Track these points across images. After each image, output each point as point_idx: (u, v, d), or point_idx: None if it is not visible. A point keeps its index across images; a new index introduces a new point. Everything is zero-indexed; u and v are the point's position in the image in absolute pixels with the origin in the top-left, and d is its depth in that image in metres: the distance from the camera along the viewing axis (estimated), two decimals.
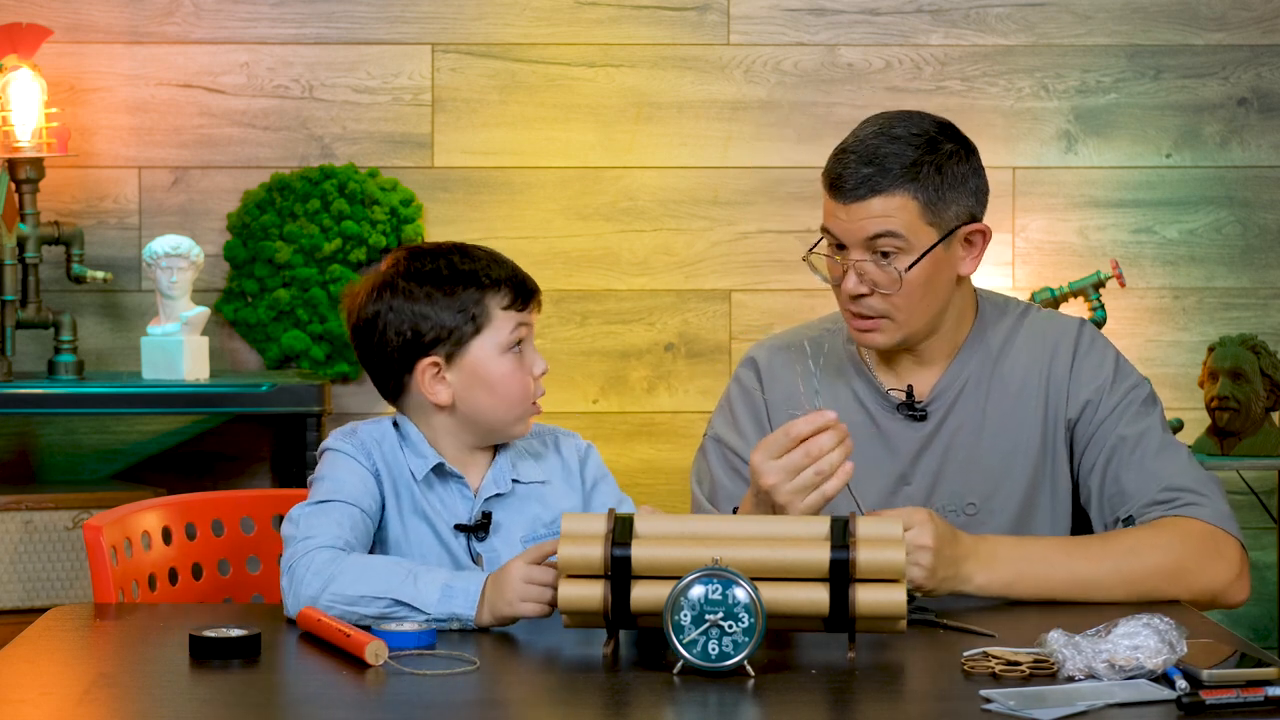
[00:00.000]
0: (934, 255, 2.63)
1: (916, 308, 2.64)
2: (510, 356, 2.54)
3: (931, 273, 2.63)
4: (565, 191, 4.39)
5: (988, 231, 2.68)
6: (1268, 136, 4.45)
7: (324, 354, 4.29)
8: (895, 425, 2.71)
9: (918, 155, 2.62)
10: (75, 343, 4.14)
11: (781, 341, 2.82)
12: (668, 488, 4.38)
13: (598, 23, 4.38)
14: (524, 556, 2.37)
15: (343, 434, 2.57)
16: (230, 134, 4.35)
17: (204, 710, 2.05)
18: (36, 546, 3.95)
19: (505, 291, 2.54)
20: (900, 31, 4.41)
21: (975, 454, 2.69)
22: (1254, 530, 4.48)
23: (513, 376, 2.54)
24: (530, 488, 2.59)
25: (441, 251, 2.58)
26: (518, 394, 2.55)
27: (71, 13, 4.32)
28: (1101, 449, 2.68)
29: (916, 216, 2.61)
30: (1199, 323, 4.45)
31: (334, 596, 2.36)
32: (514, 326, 2.54)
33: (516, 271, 2.58)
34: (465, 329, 2.53)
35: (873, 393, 2.73)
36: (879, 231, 2.61)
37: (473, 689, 2.10)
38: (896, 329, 2.65)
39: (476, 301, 2.53)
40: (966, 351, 2.73)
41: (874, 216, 2.61)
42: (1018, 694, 2.02)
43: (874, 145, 2.63)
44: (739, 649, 2.12)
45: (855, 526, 2.19)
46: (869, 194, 2.61)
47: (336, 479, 2.52)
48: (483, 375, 2.54)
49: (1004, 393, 2.71)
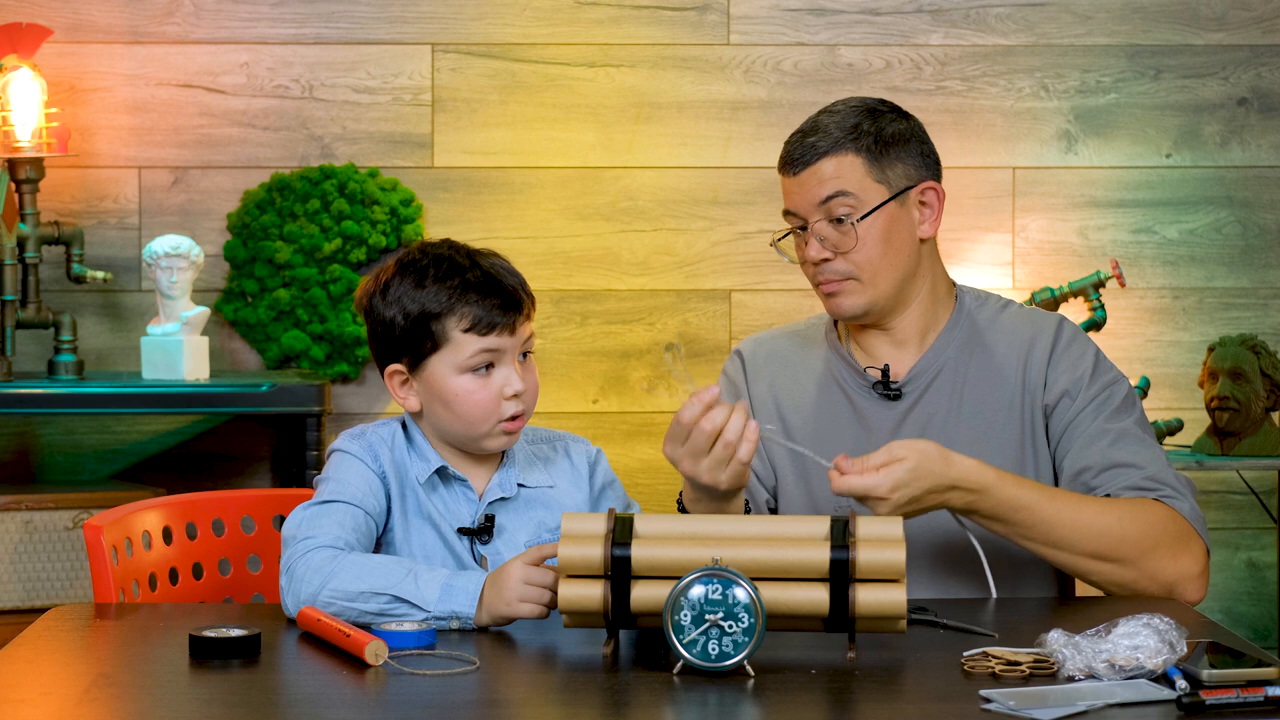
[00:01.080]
0: (888, 211, 2.72)
1: (879, 266, 2.72)
2: (470, 377, 2.51)
3: (888, 229, 2.72)
4: (565, 191, 4.39)
5: (940, 191, 2.77)
6: (1268, 136, 4.45)
7: (324, 354, 4.29)
8: (870, 404, 2.76)
9: (856, 119, 2.75)
10: (75, 343, 4.14)
11: (769, 336, 2.89)
12: (668, 488, 4.38)
13: (598, 23, 4.38)
14: (523, 557, 2.37)
15: (352, 435, 2.57)
16: (230, 134, 4.35)
17: (204, 710, 2.05)
18: (36, 546, 3.95)
19: (468, 315, 2.50)
20: (900, 31, 4.41)
21: (952, 436, 2.71)
22: (1254, 530, 4.48)
23: (470, 396, 2.51)
24: (536, 492, 2.59)
25: (428, 259, 2.54)
26: (478, 414, 2.52)
27: (71, 13, 4.32)
28: (1078, 436, 2.71)
29: (863, 174, 2.72)
30: (1199, 323, 4.45)
31: (334, 593, 2.36)
32: (475, 351, 2.50)
33: (496, 289, 2.52)
34: (424, 344, 2.52)
35: (848, 371, 2.79)
36: (830, 193, 2.71)
37: (473, 689, 2.10)
38: (862, 291, 2.72)
39: (436, 318, 2.51)
40: (945, 336, 2.78)
41: (823, 180, 2.72)
42: (1018, 694, 2.02)
43: (814, 120, 2.78)
44: (739, 649, 2.12)
45: (855, 526, 2.19)
46: (815, 158, 2.72)
47: (342, 480, 2.52)
48: (439, 392, 2.53)
49: (982, 378, 2.75)
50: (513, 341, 2.52)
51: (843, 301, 2.74)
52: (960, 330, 2.79)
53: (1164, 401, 4.42)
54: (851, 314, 2.75)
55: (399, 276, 2.54)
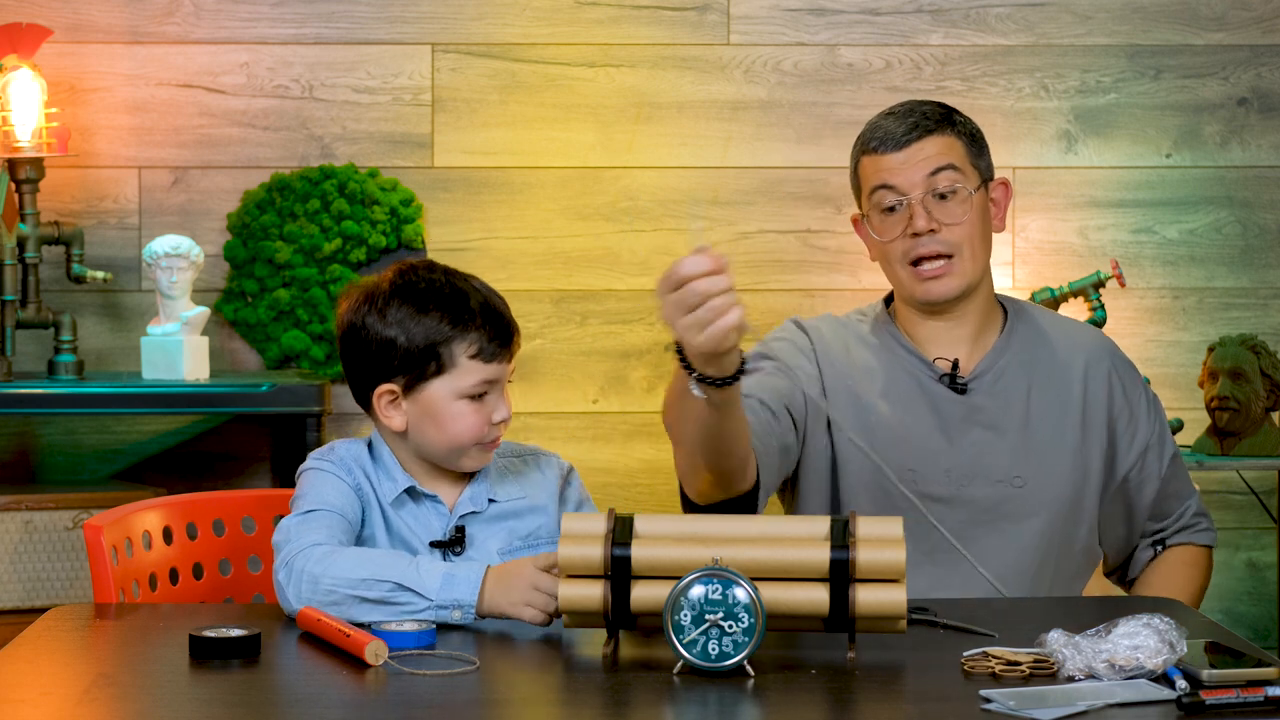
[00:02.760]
0: (983, 194, 2.82)
1: (976, 245, 2.80)
2: (465, 402, 2.53)
3: (984, 211, 2.82)
4: (565, 191, 4.39)
5: (1011, 189, 2.90)
6: (1268, 136, 4.45)
7: (324, 354, 4.29)
8: (940, 396, 2.82)
9: (946, 110, 2.85)
10: (75, 343, 4.14)
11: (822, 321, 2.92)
12: (668, 488, 4.37)
13: (598, 23, 4.38)
14: (535, 561, 2.37)
15: (321, 454, 2.58)
16: (230, 134, 4.35)
17: (204, 710, 2.05)
18: (36, 546, 3.95)
19: (476, 341, 2.52)
20: (900, 31, 4.41)
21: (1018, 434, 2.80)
22: (1254, 530, 4.48)
23: (463, 420, 2.53)
24: (507, 504, 2.59)
25: (431, 279, 2.55)
26: (466, 437, 2.54)
27: (71, 13, 4.32)
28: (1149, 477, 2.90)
29: (964, 155, 2.81)
30: (1199, 323, 4.45)
31: (335, 581, 2.36)
32: (478, 380, 2.52)
33: (497, 320, 2.54)
34: (428, 367, 2.52)
35: (917, 362, 2.84)
36: (940, 165, 2.79)
37: (473, 689, 2.10)
38: (961, 273, 2.79)
39: (445, 343, 2.52)
40: (1006, 336, 2.86)
41: (932, 156, 2.79)
42: (1018, 694, 2.02)
43: (909, 106, 2.85)
44: (739, 649, 2.12)
45: (855, 526, 2.19)
46: (922, 135, 2.79)
47: (319, 492, 2.53)
48: (434, 414, 2.54)
49: (1047, 383, 2.84)
50: (506, 369, 2.56)
51: (945, 283, 2.79)
52: (1019, 331, 2.87)
53: (1164, 401, 4.40)
54: (948, 295, 2.79)
55: (397, 299, 2.54)
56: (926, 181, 2.78)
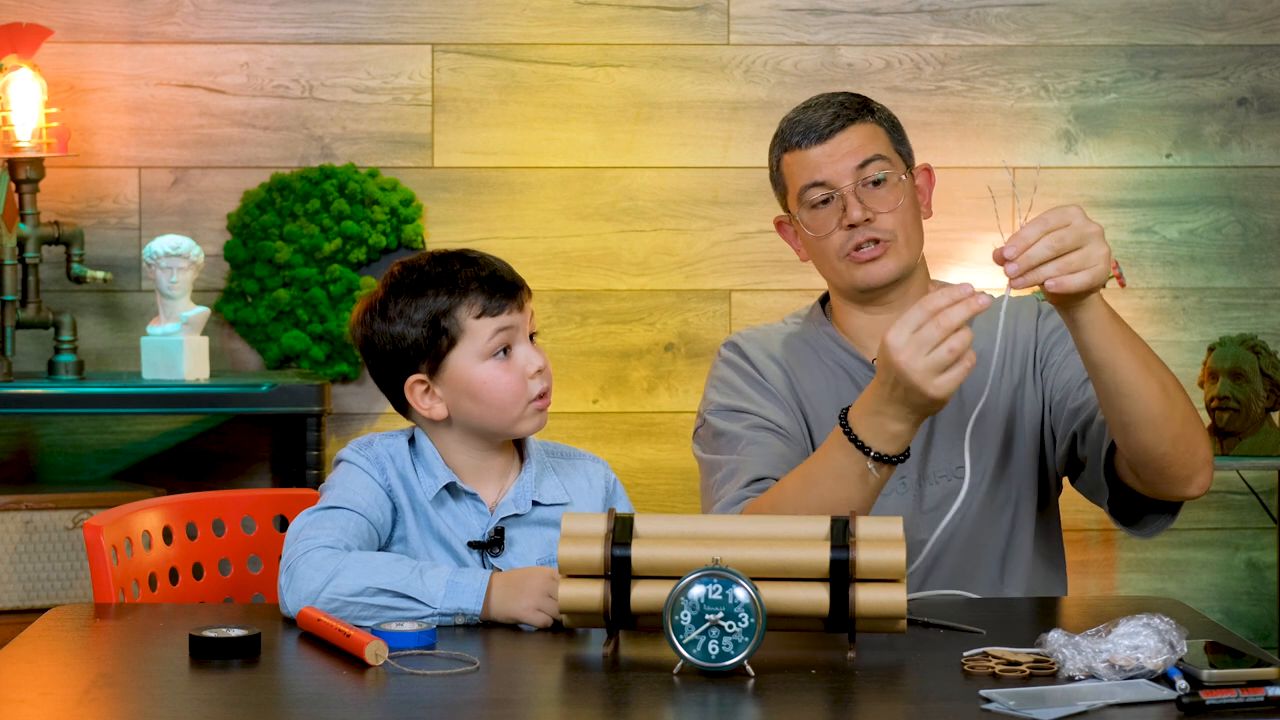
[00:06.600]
0: (911, 180, 2.81)
1: (911, 229, 2.78)
2: (493, 362, 2.52)
3: (913, 196, 2.81)
4: (565, 191, 4.39)
5: (933, 174, 2.88)
6: (1268, 136, 4.45)
7: (324, 354, 4.29)
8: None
9: (862, 100, 2.83)
10: (75, 343, 4.14)
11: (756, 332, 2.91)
12: (668, 488, 4.38)
13: (598, 23, 4.38)
14: (550, 569, 2.38)
15: (359, 445, 2.57)
16: (230, 134, 4.35)
17: (204, 710, 2.05)
18: (36, 546, 3.95)
19: (475, 300, 2.52)
20: (900, 31, 4.41)
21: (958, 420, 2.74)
22: (1254, 530, 4.48)
23: (498, 381, 2.52)
24: (550, 510, 2.58)
25: (416, 266, 2.56)
26: (508, 398, 2.53)
27: (71, 13, 4.32)
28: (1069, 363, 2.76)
29: (888, 142, 2.81)
30: (1199, 323, 4.45)
31: (336, 589, 2.35)
32: (492, 333, 2.52)
33: (492, 275, 2.54)
34: (440, 343, 2.53)
35: (856, 363, 2.81)
36: (869, 156, 2.77)
37: (473, 689, 2.10)
38: (898, 255, 2.77)
39: (446, 314, 2.52)
40: None
41: (857, 146, 2.78)
42: (1018, 694, 2.02)
43: (825, 98, 2.83)
44: (739, 649, 2.12)
45: (855, 526, 2.19)
46: (844, 124, 2.78)
47: (346, 488, 2.52)
48: (466, 386, 2.53)
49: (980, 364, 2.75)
50: (522, 318, 2.54)
51: (884, 265, 2.76)
52: None
53: None
54: (887, 278, 2.77)
55: (392, 295, 2.54)
56: (856, 173, 2.76)
